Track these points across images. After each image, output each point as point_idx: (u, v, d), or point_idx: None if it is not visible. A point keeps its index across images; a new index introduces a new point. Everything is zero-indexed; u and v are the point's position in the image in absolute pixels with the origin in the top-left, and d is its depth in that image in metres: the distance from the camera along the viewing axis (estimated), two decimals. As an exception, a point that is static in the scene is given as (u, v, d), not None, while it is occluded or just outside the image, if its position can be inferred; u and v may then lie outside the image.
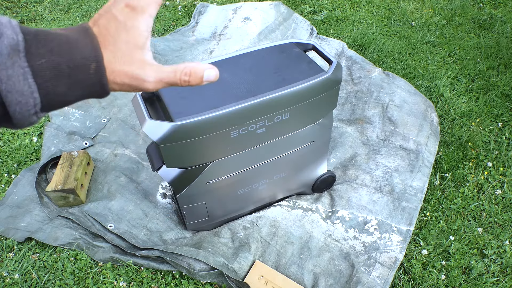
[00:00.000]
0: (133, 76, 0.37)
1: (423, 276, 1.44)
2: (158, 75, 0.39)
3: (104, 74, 0.36)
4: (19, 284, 1.41)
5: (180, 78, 0.40)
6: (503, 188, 1.72)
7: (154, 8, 0.39)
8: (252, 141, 1.24)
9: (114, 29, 0.37)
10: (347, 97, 2.19)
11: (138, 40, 0.38)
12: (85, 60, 0.35)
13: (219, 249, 1.45)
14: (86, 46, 0.35)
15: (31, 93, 0.33)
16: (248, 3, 2.90)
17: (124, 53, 0.37)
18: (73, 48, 0.34)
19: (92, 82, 0.36)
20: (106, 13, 0.37)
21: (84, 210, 1.61)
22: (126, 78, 0.37)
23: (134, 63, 0.37)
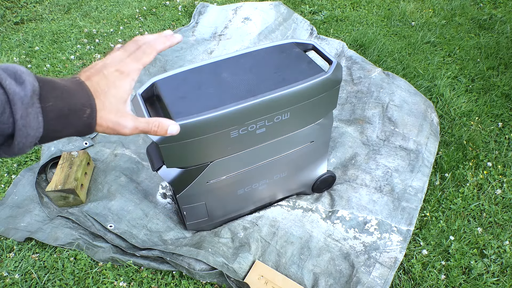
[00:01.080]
0: (116, 122, 0.48)
1: (423, 276, 1.44)
2: (135, 124, 0.49)
3: (95, 118, 0.45)
4: (19, 284, 1.41)
5: (151, 128, 0.52)
6: (503, 188, 1.72)
7: (137, 74, 0.50)
8: (252, 141, 1.24)
9: (105, 85, 0.47)
10: (347, 97, 2.19)
11: (123, 96, 0.49)
12: (82, 106, 0.44)
13: (219, 249, 1.45)
14: (84, 95, 0.44)
15: (38, 128, 0.40)
16: (248, 3, 2.90)
17: (112, 104, 0.47)
18: (73, 96, 0.43)
19: (84, 124, 0.45)
20: (98, 72, 0.48)
21: (84, 210, 1.61)
22: (111, 123, 0.47)
23: (118, 113, 0.48)
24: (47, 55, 2.63)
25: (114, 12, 3.13)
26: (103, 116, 0.46)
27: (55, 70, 2.49)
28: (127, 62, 0.50)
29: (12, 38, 2.85)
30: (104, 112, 0.46)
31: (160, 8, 3.13)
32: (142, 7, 3.15)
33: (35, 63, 2.55)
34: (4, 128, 0.38)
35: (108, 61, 0.49)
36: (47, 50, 2.69)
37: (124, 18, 3.01)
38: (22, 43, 2.78)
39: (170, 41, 0.55)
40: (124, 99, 0.49)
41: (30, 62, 2.57)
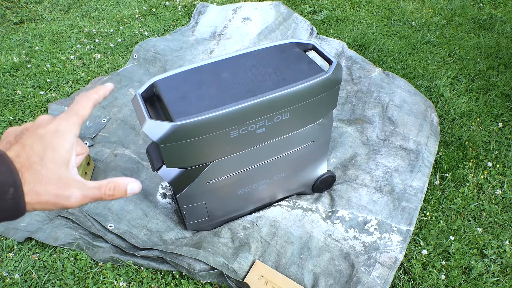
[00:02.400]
0: (57, 194, 0.38)
1: (423, 276, 1.44)
2: (83, 192, 0.40)
3: (22, 197, 0.36)
4: (19, 284, 1.41)
5: (105, 193, 0.42)
6: (503, 188, 1.72)
7: (77, 128, 0.42)
8: (252, 141, 1.24)
9: (41, 147, 0.38)
10: (347, 97, 2.19)
11: (64, 157, 0.39)
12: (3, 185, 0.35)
13: (219, 249, 1.45)
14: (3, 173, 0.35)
15: None
16: (248, 3, 2.90)
17: (51, 171, 0.38)
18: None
19: (9, 207, 0.36)
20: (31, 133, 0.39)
21: (84, 210, 1.61)
22: (51, 198, 0.38)
23: (60, 181, 0.39)
24: (47, 55, 2.63)
25: (114, 12, 3.13)
26: (39, 190, 0.37)
27: (55, 70, 2.49)
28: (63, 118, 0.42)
29: (12, 38, 2.85)
30: (40, 184, 0.37)
31: (160, 8, 3.13)
32: (142, 7, 3.15)
33: (35, 63, 2.55)
34: None
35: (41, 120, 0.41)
36: (47, 50, 2.69)
37: (124, 18, 3.01)
38: (22, 43, 2.78)
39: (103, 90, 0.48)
40: (66, 161, 0.40)
41: (30, 62, 2.57)
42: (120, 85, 2.33)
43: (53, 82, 2.39)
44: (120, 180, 0.43)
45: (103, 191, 0.42)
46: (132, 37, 2.78)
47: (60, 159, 0.39)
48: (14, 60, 2.56)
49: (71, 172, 0.40)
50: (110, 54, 2.64)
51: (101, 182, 0.42)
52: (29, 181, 0.37)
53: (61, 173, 0.39)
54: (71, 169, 0.40)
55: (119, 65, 2.54)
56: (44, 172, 0.38)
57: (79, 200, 0.40)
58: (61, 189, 0.38)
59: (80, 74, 2.45)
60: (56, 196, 0.38)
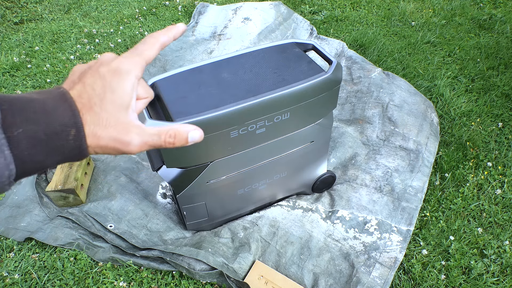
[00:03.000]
0: (117, 139, 0.37)
1: (423, 276, 1.44)
2: (142, 139, 0.38)
3: (84, 139, 0.35)
4: (19, 284, 1.41)
5: (165, 140, 0.40)
6: (503, 188, 1.72)
7: (140, 69, 0.39)
8: (252, 141, 1.24)
9: (101, 87, 0.36)
10: (347, 97, 2.19)
11: (124, 99, 0.37)
12: (64, 127, 0.34)
13: (219, 249, 1.45)
14: (65, 112, 0.34)
15: (7, 165, 0.31)
16: (248, 3, 2.90)
17: (110, 114, 0.36)
18: (51, 115, 0.33)
19: (71, 148, 0.35)
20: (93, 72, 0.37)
21: (84, 210, 1.61)
22: (111, 142, 0.37)
23: (119, 125, 0.37)
24: (47, 55, 2.63)
25: (114, 12, 3.13)
26: (98, 133, 0.35)
27: (55, 70, 2.49)
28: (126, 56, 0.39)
29: (12, 38, 2.85)
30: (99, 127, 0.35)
31: (160, 8, 3.13)
32: (142, 7, 3.15)
33: (35, 63, 2.55)
34: None
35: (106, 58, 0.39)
36: (47, 50, 2.69)
37: (124, 18, 3.01)
38: (22, 43, 2.78)
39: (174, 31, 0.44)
40: (126, 104, 0.37)
41: (30, 62, 2.57)
42: (120, 85, 2.32)
43: (53, 82, 2.39)
44: (181, 128, 0.40)
45: (163, 138, 0.39)
46: (132, 37, 2.78)
47: (120, 101, 0.37)
48: (14, 60, 2.56)
49: (131, 116, 0.38)
50: (110, 54, 2.64)
51: (161, 128, 0.39)
52: (89, 123, 0.35)
53: (120, 116, 0.37)
54: (131, 113, 0.38)
55: (119, 65, 2.53)
56: (104, 115, 0.36)
57: (138, 147, 0.38)
58: (120, 133, 0.37)
59: (80, 74, 2.45)
60: (115, 141, 0.37)
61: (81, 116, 0.35)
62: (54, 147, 0.34)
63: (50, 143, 0.33)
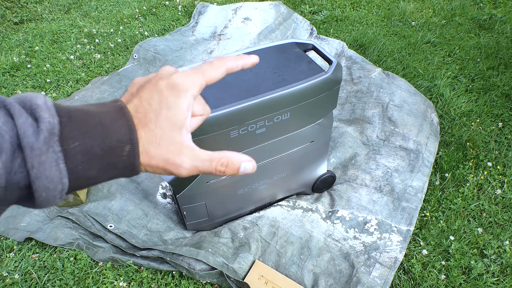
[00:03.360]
0: (168, 161, 0.35)
1: (423, 276, 1.44)
2: (193, 163, 0.37)
3: (137, 157, 0.34)
4: (19, 284, 1.41)
5: (216, 168, 0.38)
6: (503, 188, 1.72)
7: (198, 89, 0.38)
8: (252, 141, 1.24)
9: (157, 103, 0.35)
10: (347, 97, 2.19)
11: (178, 118, 0.36)
12: (119, 143, 0.33)
13: (219, 249, 1.45)
14: (121, 127, 0.33)
15: (61, 178, 0.31)
16: (248, 3, 2.90)
17: (164, 132, 0.35)
18: (108, 130, 0.33)
19: (124, 165, 0.34)
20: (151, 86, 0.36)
21: (84, 210, 1.61)
22: (161, 162, 0.35)
23: (172, 145, 0.35)
24: (47, 55, 2.63)
25: (114, 12, 3.13)
26: (151, 151, 0.34)
27: (55, 70, 2.49)
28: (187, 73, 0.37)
29: (12, 38, 2.85)
30: (153, 146, 0.34)
31: (160, 8, 3.13)
32: (142, 7, 3.15)
33: (35, 63, 2.55)
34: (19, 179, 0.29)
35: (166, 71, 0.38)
36: (47, 50, 2.69)
37: (124, 18, 3.01)
38: (22, 43, 2.78)
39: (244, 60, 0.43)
40: (180, 123, 0.36)
41: (30, 62, 2.57)
42: (120, 85, 2.33)
43: (53, 82, 2.40)
44: (233, 157, 0.39)
45: (214, 165, 0.38)
46: (132, 37, 2.78)
47: (174, 119, 0.35)
48: (14, 60, 2.56)
49: (184, 137, 0.36)
50: (110, 54, 2.64)
51: (213, 155, 0.38)
52: (144, 140, 0.34)
53: (173, 135, 0.35)
54: (184, 133, 0.36)
55: (119, 65, 2.54)
56: (158, 132, 0.34)
57: (188, 170, 0.37)
58: (172, 154, 0.35)
59: (80, 74, 2.45)
60: (166, 162, 0.35)
61: (137, 131, 0.34)
62: (108, 163, 0.33)
63: (105, 158, 0.33)
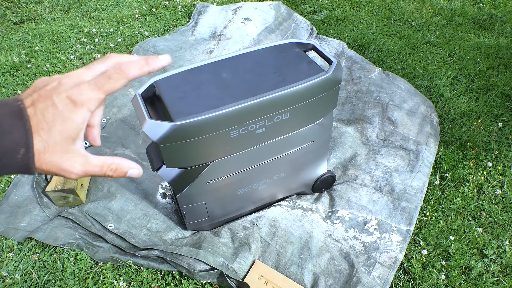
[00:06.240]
0: (60, 167, 0.38)
1: (423, 276, 1.44)
2: (84, 168, 0.40)
3: (32, 159, 0.36)
4: (19, 284, 1.41)
5: (106, 172, 0.42)
6: (503, 188, 1.72)
7: (94, 104, 0.39)
8: (252, 141, 1.24)
9: (51, 116, 0.37)
10: (347, 97, 2.19)
11: (72, 132, 0.38)
12: (14, 145, 0.34)
13: (219, 249, 1.45)
14: (18, 131, 0.34)
15: None
16: (248, 4, 2.90)
17: (56, 142, 0.37)
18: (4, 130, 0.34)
19: (19, 166, 0.36)
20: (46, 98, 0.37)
21: (84, 210, 1.61)
22: (53, 168, 0.38)
23: (63, 154, 0.38)
24: (47, 55, 2.63)
25: (114, 12, 3.13)
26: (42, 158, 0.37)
27: (55, 70, 2.49)
28: (83, 88, 0.38)
29: (12, 38, 2.85)
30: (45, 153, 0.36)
31: (160, 8, 3.13)
32: (142, 7, 3.15)
33: (35, 63, 2.55)
34: None
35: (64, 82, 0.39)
36: (47, 50, 2.69)
37: (124, 18, 3.01)
38: (22, 43, 2.78)
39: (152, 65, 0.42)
40: (73, 136, 0.38)
41: (30, 62, 2.57)
42: (120, 85, 2.32)
43: (53, 82, 2.39)
44: (122, 163, 0.43)
45: (104, 170, 0.42)
46: (132, 37, 2.78)
47: (68, 133, 0.38)
48: (14, 60, 2.56)
49: (77, 146, 0.39)
50: (110, 54, 2.64)
51: (105, 161, 0.41)
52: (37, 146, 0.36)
53: (66, 146, 0.38)
54: (78, 143, 0.39)
55: (119, 65, 2.53)
56: (50, 142, 0.37)
57: (79, 175, 0.40)
58: (63, 160, 0.38)
59: (80, 74, 2.45)
60: (58, 168, 0.38)
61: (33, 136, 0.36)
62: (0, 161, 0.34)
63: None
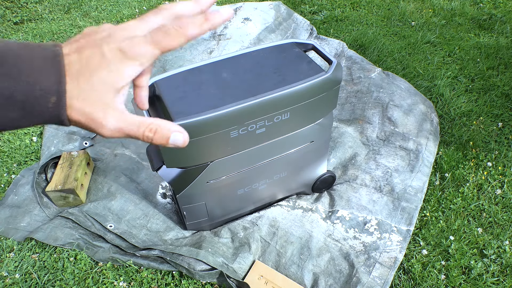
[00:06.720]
0: (91, 117, 0.34)
1: (423, 276, 1.44)
2: (119, 124, 0.35)
3: (64, 109, 0.33)
4: (19, 284, 1.41)
5: (144, 133, 0.36)
6: (503, 188, 1.72)
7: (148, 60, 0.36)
8: (252, 141, 1.24)
9: (97, 64, 0.33)
10: (347, 97, 2.19)
11: (116, 83, 0.34)
12: (44, 92, 0.31)
13: (219, 249, 1.45)
14: (49, 77, 0.32)
15: None
16: (248, 3, 2.90)
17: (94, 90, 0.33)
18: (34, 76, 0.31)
19: (50, 116, 0.33)
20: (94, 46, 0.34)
21: (84, 210, 1.61)
22: (83, 118, 0.34)
23: (99, 105, 0.34)
24: (47, 55, 2.63)
25: (114, 12, 3.13)
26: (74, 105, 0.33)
27: (55, 70, 2.49)
28: (137, 42, 0.35)
29: (12, 38, 2.85)
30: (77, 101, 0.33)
31: (160, 8, 3.13)
32: (142, 7, 3.15)
33: (35, 63, 2.55)
34: None
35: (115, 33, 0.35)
36: (47, 50, 2.69)
37: (124, 18, 3.01)
38: (22, 43, 2.78)
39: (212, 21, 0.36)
40: (117, 88, 0.34)
41: (30, 62, 2.57)
42: (120, 85, 2.32)
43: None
44: (164, 125, 0.37)
45: (142, 130, 0.36)
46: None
47: (111, 83, 0.34)
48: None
49: (116, 100, 0.35)
50: (110, 54, 2.64)
51: (143, 120, 0.36)
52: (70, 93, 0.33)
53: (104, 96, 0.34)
54: (119, 97, 0.35)
55: (119, 65, 2.53)
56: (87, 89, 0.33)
57: (112, 132, 0.35)
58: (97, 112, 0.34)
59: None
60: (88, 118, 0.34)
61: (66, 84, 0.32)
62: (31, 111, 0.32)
63: (27, 106, 0.31)
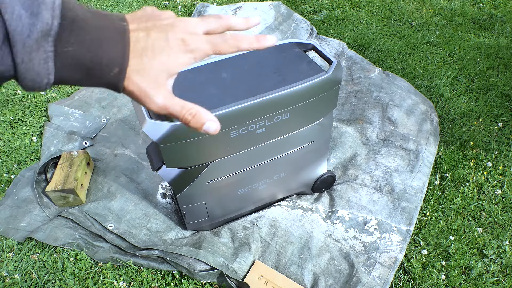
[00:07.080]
0: (144, 91, 0.39)
1: (423, 276, 1.44)
2: (166, 101, 0.40)
3: (123, 80, 0.37)
4: (19, 284, 1.41)
5: (184, 115, 0.41)
6: (503, 188, 1.72)
7: (201, 56, 0.41)
8: (252, 141, 1.24)
9: (161, 48, 0.38)
10: (347, 97, 2.19)
11: (173, 68, 0.39)
12: (110, 62, 0.36)
13: (219, 249, 1.45)
14: (116, 50, 0.36)
15: (48, 74, 0.34)
16: (248, 4, 2.90)
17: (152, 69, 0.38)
18: (103, 47, 0.35)
19: (109, 82, 0.37)
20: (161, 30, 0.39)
21: (84, 210, 1.61)
22: (137, 91, 0.39)
23: (154, 83, 0.39)
24: (47, 55, 2.63)
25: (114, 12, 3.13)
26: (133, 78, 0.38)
27: (55, 70, 2.49)
28: (199, 39, 0.40)
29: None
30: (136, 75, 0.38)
31: (160, 8, 3.13)
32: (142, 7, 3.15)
33: (35, 63, 2.55)
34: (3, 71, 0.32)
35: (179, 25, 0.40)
36: (47, 50, 2.69)
37: (124, 18, 3.01)
38: (22, 43, 2.78)
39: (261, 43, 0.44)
40: (171, 72, 0.40)
41: (30, 62, 2.57)
42: (120, 85, 2.33)
43: (53, 82, 2.39)
44: (202, 111, 0.42)
45: (184, 112, 0.41)
46: (132, 37, 2.78)
47: (169, 67, 0.39)
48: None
49: (168, 82, 0.40)
50: (110, 54, 2.64)
51: (186, 104, 0.41)
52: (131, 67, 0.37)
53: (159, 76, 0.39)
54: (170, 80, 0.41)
55: (119, 65, 2.54)
56: (147, 66, 0.38)
57: (158, 107, 0.40)
58: (150, 88, 0.39)
59: (80, 74, 2.45)
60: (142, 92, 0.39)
61: (129, 59, 0.37)
62: (94, 75, 0.36)
63: (92, 70, 0.36)
